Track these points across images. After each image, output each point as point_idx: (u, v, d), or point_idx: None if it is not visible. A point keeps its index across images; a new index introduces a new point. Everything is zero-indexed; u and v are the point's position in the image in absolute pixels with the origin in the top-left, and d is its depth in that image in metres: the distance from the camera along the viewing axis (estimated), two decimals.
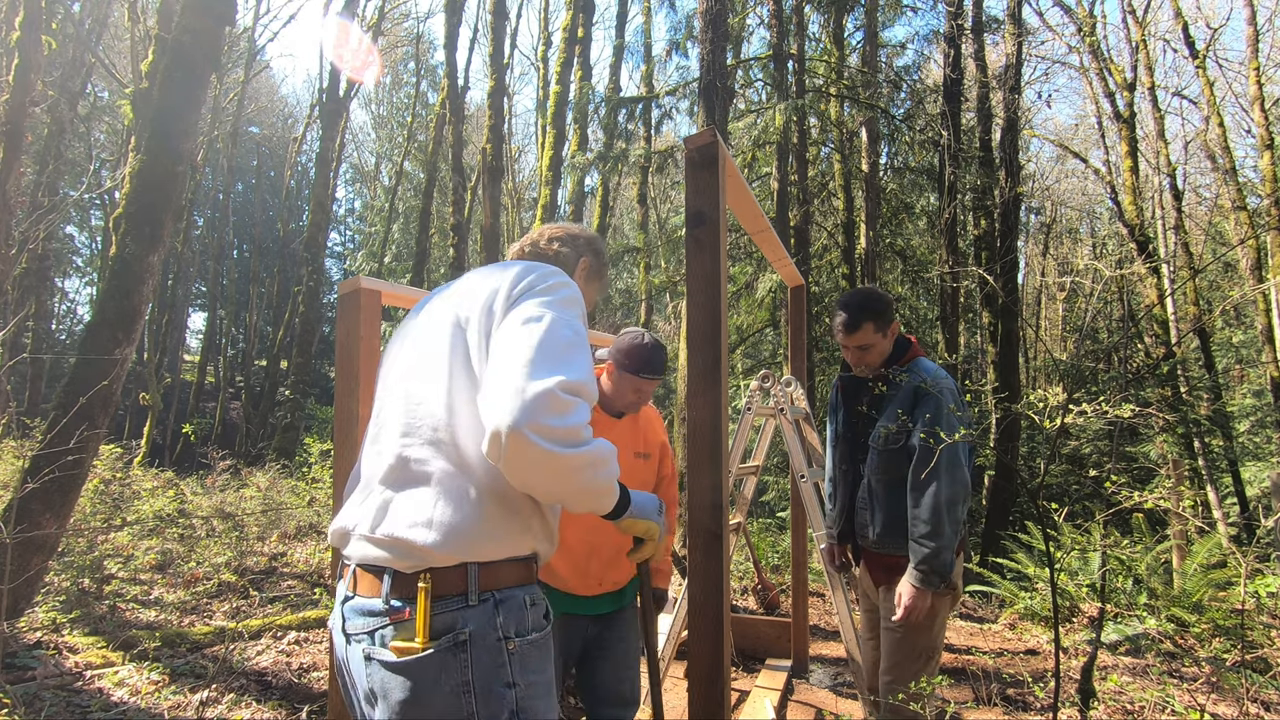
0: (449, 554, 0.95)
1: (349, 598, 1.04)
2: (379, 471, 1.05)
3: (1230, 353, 15.74)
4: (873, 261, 9.47)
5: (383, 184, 30.04)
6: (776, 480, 8.81)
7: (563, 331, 0.99)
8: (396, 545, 0.96)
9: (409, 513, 0.97)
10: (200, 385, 21.18)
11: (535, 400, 0.88)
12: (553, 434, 0.89)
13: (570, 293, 1.09)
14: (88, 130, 16.59)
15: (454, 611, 0.95)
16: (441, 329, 1.09)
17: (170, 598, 4.36)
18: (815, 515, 2.87)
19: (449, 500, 0.97)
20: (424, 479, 0.99)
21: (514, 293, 1.06)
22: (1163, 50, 14.99)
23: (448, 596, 0.96)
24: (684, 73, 10.40)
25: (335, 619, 1.08)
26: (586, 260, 1.44)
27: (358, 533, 1.03)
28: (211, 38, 3.90)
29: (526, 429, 0.87)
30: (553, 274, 1.11)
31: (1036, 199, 18.12)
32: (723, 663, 1.40)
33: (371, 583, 1.00)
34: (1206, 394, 10.77)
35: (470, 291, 1.11)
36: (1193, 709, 2.75)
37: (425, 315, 1.16)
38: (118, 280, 3.63)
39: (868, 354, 2.13)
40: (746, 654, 3.62)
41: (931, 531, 1.90)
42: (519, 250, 1.42)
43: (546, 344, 0.96)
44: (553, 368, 0.93)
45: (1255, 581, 4.13)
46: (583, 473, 0.94)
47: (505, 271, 1.11)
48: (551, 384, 0.90)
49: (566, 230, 1.45)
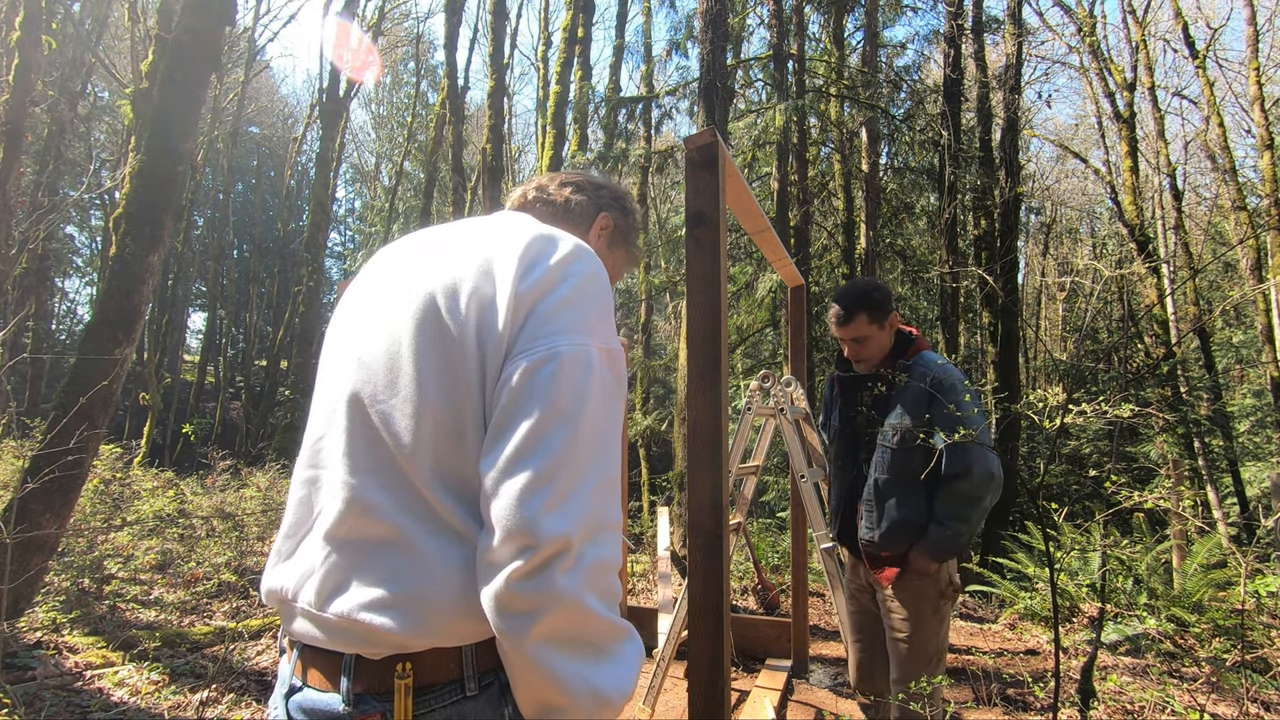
0: (431, 640, 0.70)
1: (295, 688, 0.76)
2: (322, 516, 0.76)
3: (1230, 353, 15.75)
4: (873, 261, 9.47)
5: (383, 184, 30.05)
6: (776, 480, 8.82)
7: (598, 397, 0.71)
8: (352, 629, 0.69)
9: (369, 586, 0.70)
10: (200, 385, 21.20)
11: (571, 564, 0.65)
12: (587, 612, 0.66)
13: (600, 295, 0.77)
14: (88, 130, 16.59)
15: (448, 707, 0.70)
16: (405, 314, 0.76)
17: (170, 598, 4.36)
18: (815, 515, 2.87)
19: (421, 569, 0.70)
20: (387, 539, 0.71)
21: (524, 291, 0.73)
22: (1163, 50, 15.01)
23: (435, 687, 0.70)
24: (684, 73, 10.41)
25: (278, 717, 0.77)
26: (609, 218, 1.06)
27: (301, 605, 0.74)
28: (211, 38, 3.90)
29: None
30: (574, 260, 0.77)
31: (1036, 199, 18.13)
32: (723, 663, 1.40)
33: (326, 671, 0.73)
34: (1206, 394, 10.77)
35: (456, 261, 0.77)
36: (1193, 709, 2.75)
37: (386, 284, 0.82)
38: (118, 280, 3.63)
39: (864, 347, 2.06)
40: (746, 654, 3.62)
41: (963, 517, 1.90)
42: (522, 197, 1.06)
43: (577, 440, 0.68)
44: (587, 501, 0.67)
45: (1255, 581, 4.13)
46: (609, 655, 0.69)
47: (510, 238, 0.78)
48: (586, 544, 0.66)
49: (586, 176, 1.08)
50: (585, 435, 0.69)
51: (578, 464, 0.67)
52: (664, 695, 2.99)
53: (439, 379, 0.72)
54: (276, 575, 0.79)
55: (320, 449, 0.80)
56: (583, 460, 0.68)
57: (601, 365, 0.72)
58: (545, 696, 0.66)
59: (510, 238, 0.78)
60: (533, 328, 0.71)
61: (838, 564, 2.70)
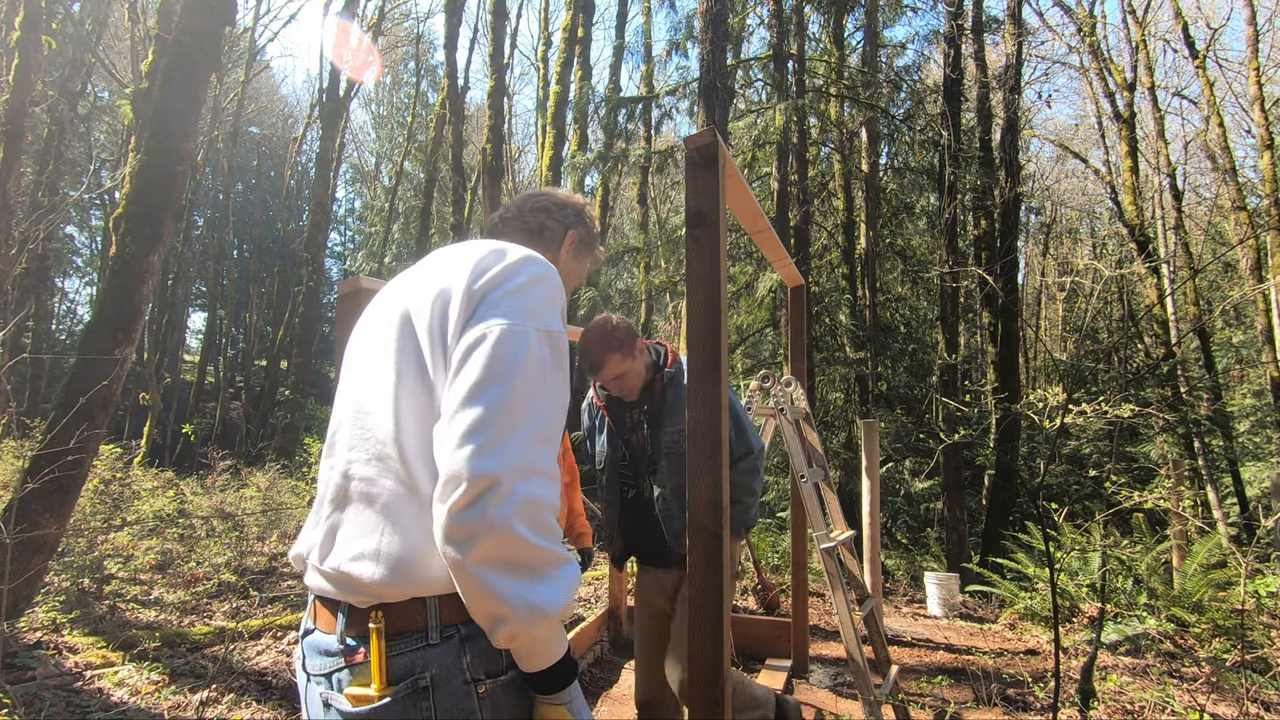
0: (401, 589, 0.82)
1: (309, 630, 0.93)
2: (329, 490, 0.93)
3: (1230, 353, 15.75)
4: (872, 261, 9.48)
5: (383, 184, 30.05)
6: (776, 480, 8.81)
7: (533, 366, 0.83)
8: (342, 580, 0.84)
9: (354, 542, 0.85)
10: (200, 385, 21.19)
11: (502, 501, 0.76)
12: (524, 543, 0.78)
13: (545, 291, 0.91)
14: (88, 130, 16.59)
15: (413, 652, 0.82)
16: (389, 324, 0.93)
17: (170, 598, 4.36)
18: (815, 515, 2.87)
19: (397, 527, 0.83)
20: (369, 500, 0.86)
21: (475, 288, 0.87)
22: (1163, 50, 15.02)
23: (405, 634, 0.83)
24: (684, 73, 10.41)
25: (297, 653, 0.96)
26: (575, 234, 1.25)
27: (311, 561, 0.92)
28: (211, 38, 3.90)
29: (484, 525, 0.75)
30: (522, 265, 0.91)
31: (1036, 199, 18.14)
32: (723, 663, 1.40)
33: (328, 618, 0.89)
34: (1206, 394, 10.77)
35: (425, 278, 0.94)
36: (1193, 709, 2.75)
37: (378, 306, 1.02)
38: (118, 280, 3.63)
39: (624, 381, 2.11)
40: (746, 654, 3.62)
41: (752, 490, 2.07)
42: (496, 222, 1.23)
43: (511, 398, 0.80)
44: (521, 445, 0.79)
45: (1255, 581, 4.12)
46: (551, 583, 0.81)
47: (467, 254, 0.93)
48: (518, 478, 0.77)
49: (551, 197, 1.26)
50: (519, 394, 0.81)
51: (510, 417, 0.79)
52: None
53: (413, 367, 0.88)
54: (301, 539, 0.98)
55: (335, 441, 0.96)
56: (515, 415, 0.79)
57: (539, 342, 0.85)
58: (489, 608, 0.78)
59: (469, 254, 0.94)
60: (480, 312, 0.86)
61: (838, 564, 2.70)
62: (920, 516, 9.48)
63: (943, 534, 8.14)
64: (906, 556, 8.19)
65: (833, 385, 9.74)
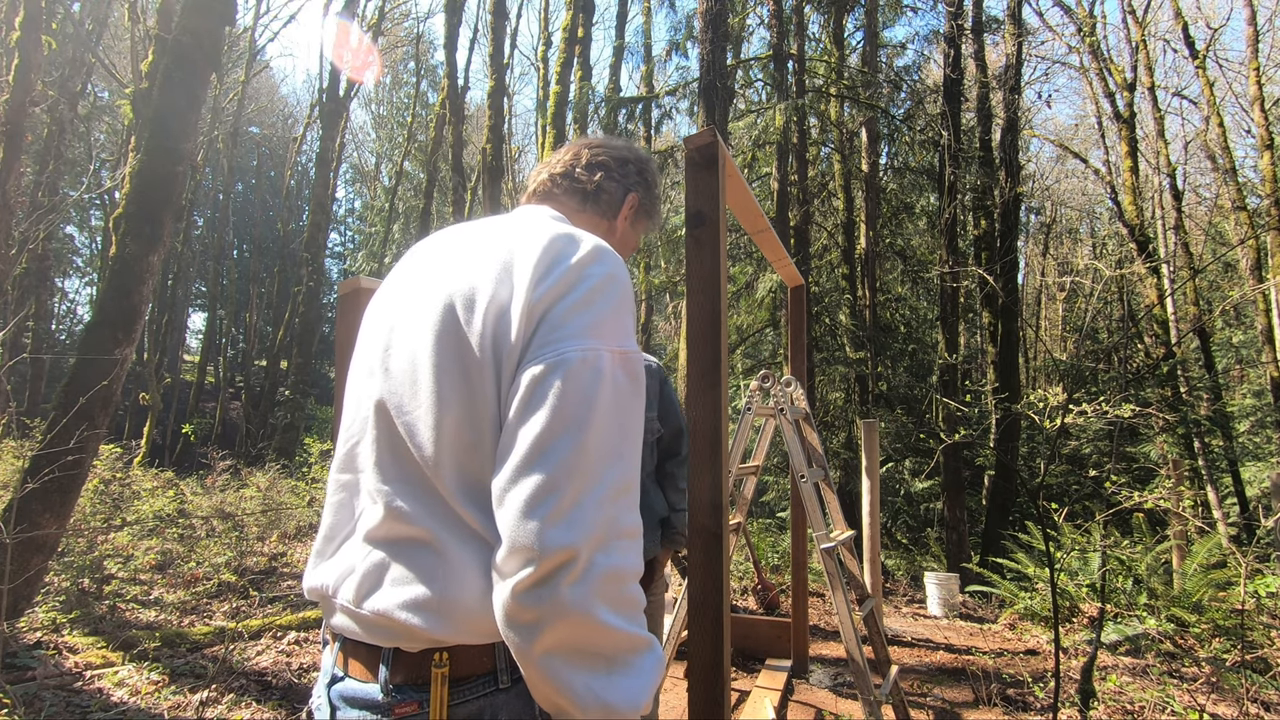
0: (460, 639, 0.72)
1: (337, 678, 0.79)
2: (362, 519, 0.80)
3: (1230, 353, 15.76)
4: (872, 261, 9.48)
5: (383, 184, 30.07)
6: (776, 480, 8.81)
7: (608, 403, 0.70)
8: (390, 627, 0.73)
9: (406, 588, 0.73)
10: (200, 385, 21.20)
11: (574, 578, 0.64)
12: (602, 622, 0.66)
13: (616, 296, 0.76)
14: (88, 130, 16.58)
15: (480, 698, 0.72)
16: (426, 324, 0.77)
17: (170, 598, 4.36)
18: (815, 515, 2.87)
19: (448, 571, 0.72)
20: (420, 542, 0.74)
21: (537, 299, 0.73)
22: (1163, 50, 15.02)
23: (471, 679, 0.72)
24: (684, 73, 10.41)
25: (317, 702, 0.81)
26: (635, 196, 1.08)
27: (341, 601, 0.78)
28: (211, 38, 3.90)
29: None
30: (591, 263, 0.77)
31: (1036, 199, 18.14)
32: (723, 663, 1.40)
33: (366, 663, 0.76)
34: (1206, 394, 10.77)
35: (475, 264, 0.79)
36: (1193, 709, 2.75)
37: (407, 293, 0.84)
38: (118, 280, 3.63)
39: None
40: (746, 654, 3.62)
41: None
42: (547, 181, 1.05)
43: (584, 450, 0.67)
44: (599, 511, 0.66)
45: (1255, 581, 4.12)
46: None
47: (529, 243, 0.78)
48: (599, 553, 0.65)
49: (611, 151, 1.07)
50: (594, 442, 0.68)
51: (586, 472, 0.67)
52: (664, 695, 2.99)
53: (458, 390, 0.73)
54: (318, 574, 0.83)
55: (355, 454, 0.83)
56: (591, 468, 0.67)
57: (614, 368, 0.71)
58: (555, 702, 0.67)
59: (528, 241, 0.78)
60: (543, 334, 0.71)
61: (838, 564, 2.70)
62: (920, 516, 9.47)
63: (943, 534, 8.13)
64: (906, 556, 8.20)
65: (833, 385, 9.75)
